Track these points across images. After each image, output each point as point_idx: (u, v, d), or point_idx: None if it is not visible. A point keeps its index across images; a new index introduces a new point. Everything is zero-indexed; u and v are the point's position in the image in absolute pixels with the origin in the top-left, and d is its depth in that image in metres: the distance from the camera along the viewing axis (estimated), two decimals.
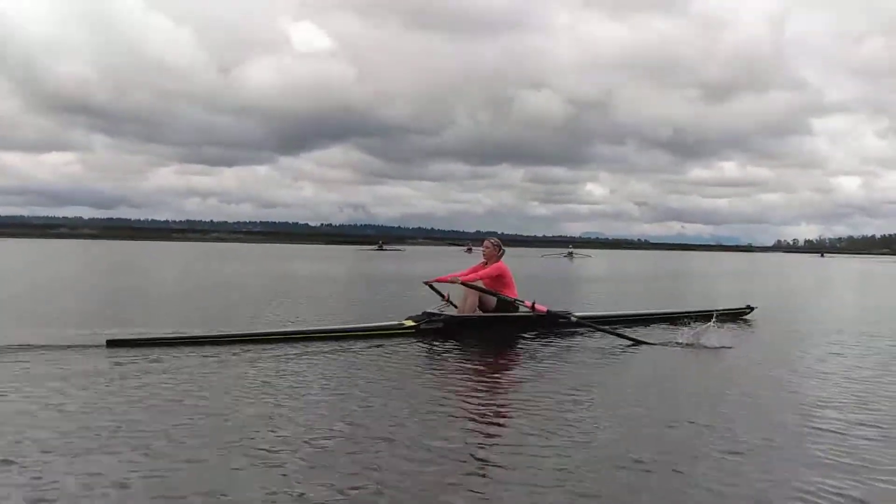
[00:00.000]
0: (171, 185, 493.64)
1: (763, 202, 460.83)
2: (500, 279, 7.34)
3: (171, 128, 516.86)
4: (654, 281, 22.81)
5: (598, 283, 20.04)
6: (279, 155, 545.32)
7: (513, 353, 6.53)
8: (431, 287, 7.77)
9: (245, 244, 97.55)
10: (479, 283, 7.29)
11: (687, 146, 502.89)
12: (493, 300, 7.26)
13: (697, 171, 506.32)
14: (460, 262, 36.52)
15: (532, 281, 17.98)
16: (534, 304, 7.19)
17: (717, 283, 22.45)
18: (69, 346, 5.94)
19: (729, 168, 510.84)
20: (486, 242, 7.74)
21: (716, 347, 6.49)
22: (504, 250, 7.71)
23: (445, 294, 7.67)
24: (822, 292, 18.32)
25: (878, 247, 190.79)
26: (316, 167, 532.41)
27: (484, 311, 7.25)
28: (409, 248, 77.56)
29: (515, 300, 7.22)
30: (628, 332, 7.09)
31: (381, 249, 64.75)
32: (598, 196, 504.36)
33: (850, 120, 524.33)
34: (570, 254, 52.54)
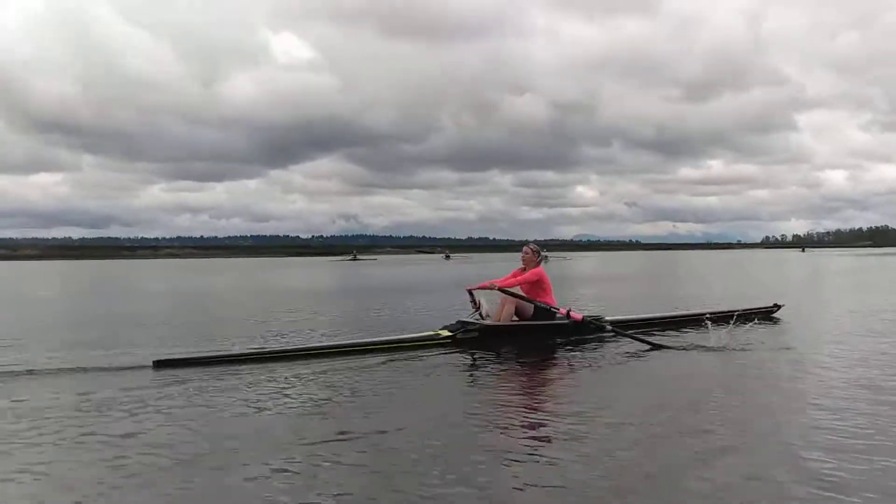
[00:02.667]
0: (161, 202, 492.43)
1: (752, 198, 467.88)
2: (538, 284, 7.46)
3: (156, 144, 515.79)
4: (647, 282, 22.99)
5: (596, 285, 20.18)
6: (268, 168, 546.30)
7: (549, 361, 6.61)
8: (470, 294, 7.72)
9: (238, 258, 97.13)
10: (517, 290, 7.39)
11: (672, 145, 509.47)
12: (530, 308, 7.35)
13: (685, 170, 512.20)
14: (441, 268, 36.95)
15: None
16: (569, 311, 7.30)
17: (712, 282, 22.65)
18: (117, 368, 6.03)
19: (716, 166, 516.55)
20: (524, 249, 7.89)
21: (744, 349, 6.59)
22: (543, 256, 7.83)
23: (477, 302, 7.76)
24: (818, 287, 18.54)
25: (864, 239, 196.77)
26: (305, 179, 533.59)
27: (521, 319, 7.36)
28: (381, 258, 79.18)
29: (550, 307, 7.33)
30: (658, 338, 7.23)
31: (355, 259, 67.76)
32: (588, 198, 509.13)
33: (832, 114, 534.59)
34: (545, 257, 55.01)
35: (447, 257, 73.12)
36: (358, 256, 73.42)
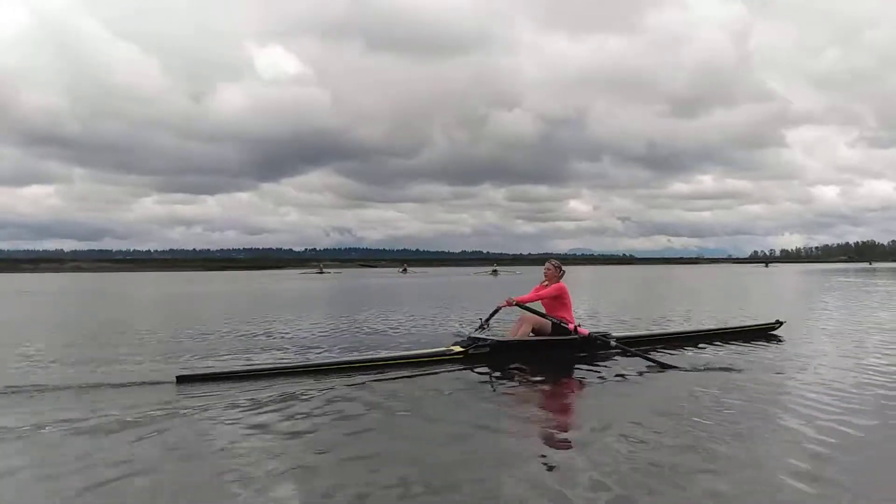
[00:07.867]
0: (154, 214, 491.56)
1: (746, 213, 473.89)
2: (559, 299, 7.69)
3: (147, 157, 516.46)
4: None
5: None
6: (259, 181, 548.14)
7: (558, 377, 6.71)
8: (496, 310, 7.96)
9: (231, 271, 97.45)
10: (537, 305, 7.64)
11: (663, 161, 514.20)
12: (549, 324, 7.56)
13: (677, 185, 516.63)
14: (397, 281, 36.80)
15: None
16: (576, 326, 7.52)
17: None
18: (140, 384, 6.15)
19: (707, 181, 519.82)
20: (546, 264, 8.07)
21: (748, 366, 6.74)
22: (564, 271, 8.03)
23: (483, 319, 7.99)
24: (806, 301, 18.74)
25: (851, 253, 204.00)
26: (297, 192, 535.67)
27: (540, 335, 7.60)
28: (345, 271, 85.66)
29: (563, 322, 7.51)
30: (661, 355, 7.31)
31: (321, 272, 72.70)
32: (581, 213, 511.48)
33: (820, 130, 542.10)
34: (495, 271, 63.14)
35: (404, 271, 75.89)
36: (324, 270, 78.60)
